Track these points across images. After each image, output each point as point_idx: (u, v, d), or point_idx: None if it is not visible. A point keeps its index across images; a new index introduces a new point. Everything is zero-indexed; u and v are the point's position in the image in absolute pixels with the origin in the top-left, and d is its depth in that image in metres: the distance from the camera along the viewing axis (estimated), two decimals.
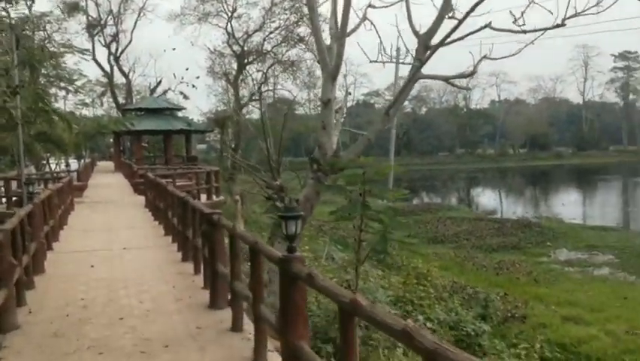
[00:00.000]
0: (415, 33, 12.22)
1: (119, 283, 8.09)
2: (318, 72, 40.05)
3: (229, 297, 6.37)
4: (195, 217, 8.65)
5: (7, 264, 5.91)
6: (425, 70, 11.99)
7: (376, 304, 4.31)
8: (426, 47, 12.15)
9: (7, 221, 7.11)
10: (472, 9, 10.69)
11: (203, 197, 19.83)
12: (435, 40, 11.59)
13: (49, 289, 7.74)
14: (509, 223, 33.43)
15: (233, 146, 42.25)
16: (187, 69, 53.15)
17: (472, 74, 12.74)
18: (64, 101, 46.37)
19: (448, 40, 11.38)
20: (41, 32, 43.84)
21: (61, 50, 24.54)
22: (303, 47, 39.00)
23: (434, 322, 11.38)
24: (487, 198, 57.59)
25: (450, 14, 11.89)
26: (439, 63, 12.70)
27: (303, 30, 37.91)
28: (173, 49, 51.75)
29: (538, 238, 29.04)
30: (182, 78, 47.18)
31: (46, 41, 45.27)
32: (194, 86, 45.96)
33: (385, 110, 13.69)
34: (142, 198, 19.63)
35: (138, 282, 8.11)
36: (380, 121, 13.85)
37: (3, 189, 18.49)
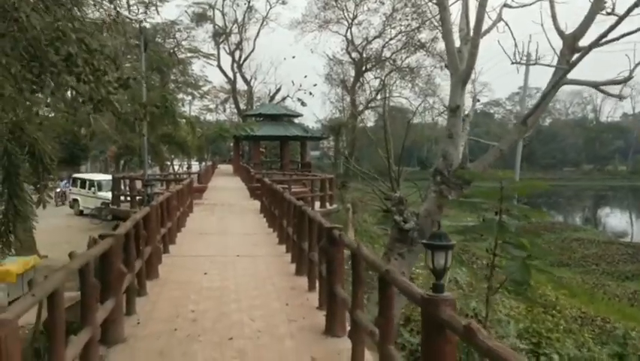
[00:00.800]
0: (560, 33, 10.84)
1: (230, 294, 7.64)
2: (437, 80, 38.64)
3: (348, 326, 5.60)
4: (313, 229, 8.00)
5: (117, 272, 5.57)
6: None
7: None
8: (573, 49, 10.72)
9: (122, 223, 6.90)
10: (637, 4, 9.12)
11: (317, 204, 19.41)
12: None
13: (161, 297, 7.45)
14: None
15: (347, 153, 41.98)
16: (305, 77, 54.38)
17: (627, 80, 11.02)
18: (189, 106, 49.09)
19: (603, 40, 9.87)
20: (171, 40, 46.72)
21: (188, 54, 25.20)
22: (424, 53, 37.77)
23: (564, 358, 9.91)
24: (617, 220, 52.44)
25: (604, 11, 10.41)
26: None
27: (425, 36, 36.74)
28: (293, 57, 53.01)
29: None
30: (300, 86, 48.03)
31: (175, 48, 48.20)
32: (311, 93, 46.57)
33: (522, 119, 12.31)
34: (258, 203, 19.60)
35: (250, 295, 7.60)
36: (515, 131, 12.51)
37: (128, 188, 19.33)
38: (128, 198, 19.28)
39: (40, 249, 20.81)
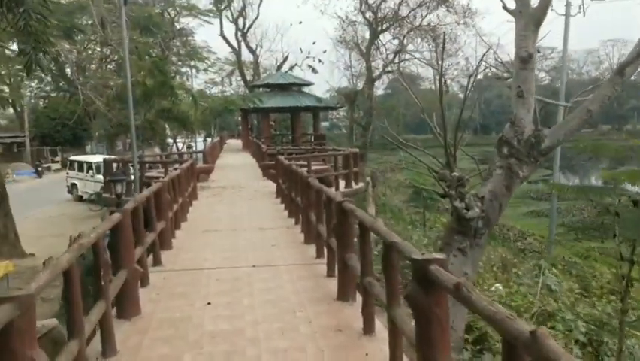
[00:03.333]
0: None
1: (243, 342, 4.99)
2: (461, 39, 35.06)
3: None
4: (365, 241, 5.20)
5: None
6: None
7: None
8: None
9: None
10: None
11: (341, 183, 16.65)
12: None
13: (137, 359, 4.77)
14: None
15: (363, 124, 39.06)
16: (314, 43, 50.85)
17: None
18: (192, 80, 46.18)
19: None
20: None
21: (184, 12, 22.25)
22: (445, 9, 34.38)
23: None
24: None
25: None
26: None
27: None
28: (300, 22, 49.67)
29: None
30: (309, 53, 44.84)
31: (175, 18, 44.91)
32: (320, 60, 43.43)
33: (618, 69, 9.40)
34: (271, 185, 16.95)
35: (274, 345, 4.92)
36: (608, 85, 9.57)
37: (122, 171, 16.60)
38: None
39: (25, 244, 18.35)
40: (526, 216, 33.43)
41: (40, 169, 43.10)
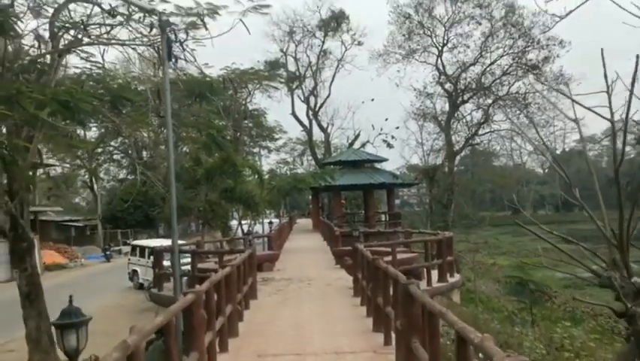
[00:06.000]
0: None
1: None
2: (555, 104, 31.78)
3: None
4: None
5: None
6: None
7: None
8: None
9: None
10: None
11: (434, 275, 13.38)
12: None
13: None
14: None
15: (444, 201, 35.72)
16: (386, 119, 49.03)
17: None
18: (263, 160, 45.07)
19: None
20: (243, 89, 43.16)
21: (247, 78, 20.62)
22: (533, 77, 31.35)
23: None
24: None
25: None
26: None
27: (534, 56, 30.45)
28: (372, 99, 48.10)
29: None
30: (381, 129, 42.89)
31: (247, 99, 44.47)
32: (393, 137, 41.25)
33: None
34: (346, 277, 13.98)
35: None
36: None
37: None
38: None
39: None
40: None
41: (108, 253, 42.18)
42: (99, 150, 53.44)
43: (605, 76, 8.32)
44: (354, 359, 7.14)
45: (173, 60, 10.07)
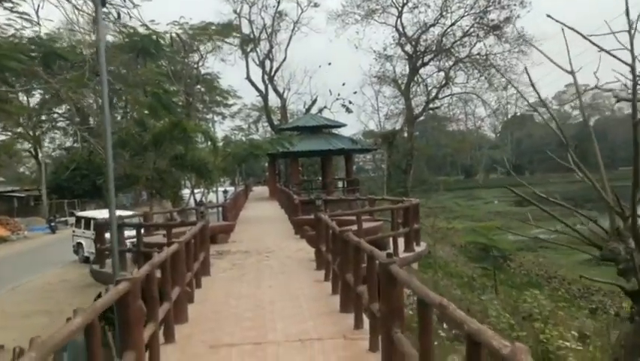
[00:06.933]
0: None
1: None
2: (518, 68, 31.31)
3: None
4: None
5: None
6: None
7: None
8: None
9: None
10: None
11: (400, 244, 12.59)
12: None
13: None
14: None
15: (403, 167, 35.14)
16: (344, 84, 48.03)
17: None
18: (217, 126, 43.45)
19: None
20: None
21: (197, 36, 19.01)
22: (494, 37, 30.65)
23: None
24: None
25: None
26: None
27: (496, 16, 29.69)
28: (329, 63, 46.94)
29: None
30: (339, 95, 41.85)
31: (200, 63, 42.47)
32: (350, 102, 40.33)
33: None
34: (308, 248, 13.07)
35: None
36: None
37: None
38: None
39: (4, 328, 14.63)
40: (584, 264, 28.18)
41: (53, 224, 39.89)
42: (43, 117, 50.51)
43: (627, 11, 7.40)
44: (322, 347, 6.20)
45: (116, 15, 8.71)
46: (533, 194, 9.01)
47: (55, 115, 50.93)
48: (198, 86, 46.24)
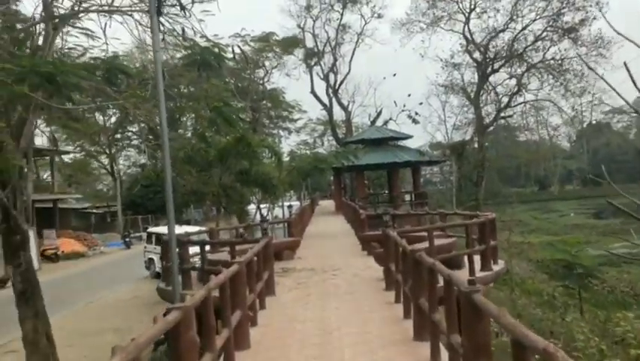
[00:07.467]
0: None
1: None
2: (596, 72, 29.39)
3: None
4: None
5: None
6: None
7: None
8: None
9: None
10: None
11: (477, 262, 11.69)
12: None
13: None
14: None
15: (474, 179, 33.75)
16: (409, 95, 47.22)
17: None
18: (283, 141, 43.67)
19: None
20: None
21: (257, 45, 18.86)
22: (570, 41, 28.93)
23: None
24: None
25: None
26: None
27: (570, 19, 28.03)
28: (394, 75, 46.20)
29: None
30: (404, 106, 40.99)
31: (265, 79, 42.86)
32: (417, 113, 39.38)
33: None
34: (375, 266, 12.39)
35: None
36: None
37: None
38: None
39: (73, 347, 14.79)
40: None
41: (128, 240, 41.19)
42: (118, 135, 52.72)
43: None
44: None
45: (180, 31, 8.56)
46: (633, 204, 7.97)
47: (129, 133, 52.94)
48: (264, 102, 46.74)
